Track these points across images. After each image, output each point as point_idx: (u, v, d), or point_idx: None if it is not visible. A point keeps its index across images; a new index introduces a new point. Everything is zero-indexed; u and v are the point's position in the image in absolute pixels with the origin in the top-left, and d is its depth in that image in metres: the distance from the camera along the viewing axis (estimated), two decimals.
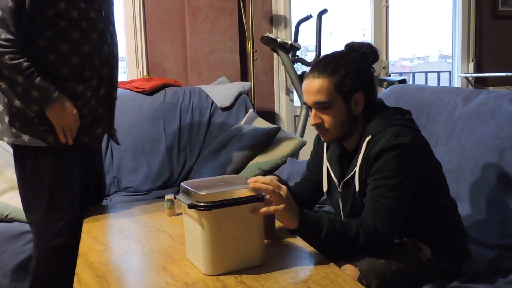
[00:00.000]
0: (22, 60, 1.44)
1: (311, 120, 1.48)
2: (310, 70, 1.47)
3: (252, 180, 1.21)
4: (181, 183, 1.32)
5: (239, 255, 1.24)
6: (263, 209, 1.22)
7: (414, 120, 1.50)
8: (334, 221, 1.31)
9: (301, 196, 1.70)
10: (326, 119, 1.45)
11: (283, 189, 1.25)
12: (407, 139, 1.36)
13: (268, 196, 1.25)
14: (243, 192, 1.22)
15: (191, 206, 1.20)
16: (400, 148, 1.34)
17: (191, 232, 1.29)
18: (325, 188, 1.60)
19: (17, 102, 1.50)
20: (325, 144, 1.62)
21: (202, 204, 1.19)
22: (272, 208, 1.24)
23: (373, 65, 1.50)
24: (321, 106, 1.44)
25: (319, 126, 1.47)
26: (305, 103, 1.49)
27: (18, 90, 1.48)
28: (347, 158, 1.53)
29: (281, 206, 1.24)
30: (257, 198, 1.22)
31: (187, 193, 1.25)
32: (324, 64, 1.45)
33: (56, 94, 1.50)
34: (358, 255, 1.34)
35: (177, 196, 1.30)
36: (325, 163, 1.60)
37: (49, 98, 1.49)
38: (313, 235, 1.31)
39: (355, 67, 1.43)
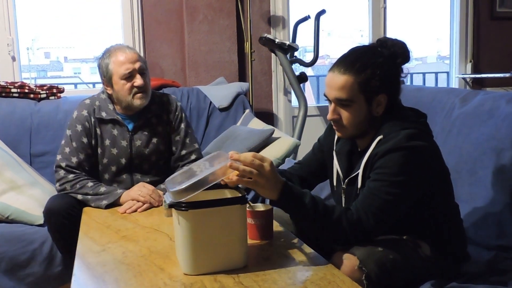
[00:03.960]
0: (89, 181, 2.06)
1: (328, 114, 1.46)
2: (337, 63, 1.43)
3: (234, 157, 1.21)
4: (166, 181, 1.33)
5: (219, 256, 1.24)
6: (232, 177, 1.22)
7: (428, 125, 1.48)
8: (318, 201, 1.31)
9: (296, 178, 1.67)
10: (345, 116, 1.43)
11: (265, 167, 1.24)
12: (418, 143, 1.34)
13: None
14: (225, 192, 1.22)
15: (170, 206, 1.21)
16: (408, 150, 1.33)
17: (176, 231, 1.31)
18: (334, 181, 1.58)
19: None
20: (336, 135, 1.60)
21: (180, 204, 1.20)
22: (245, 180, 1.23)
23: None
24: (342, 103, 1.42)
25: (336, 121, 1.45)
26: (325, 95, 1.46)
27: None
28: (357, 155, 1.52)
29: (250, 185, 1.25)
30: (237, 199, 1.22)
31: (169, 191, 1.26)
32: (352, 60, 1.41)
33: (119, 191, 2.02)
34: (343, 245, 1.33)
35: (164, 195, 1.31)
36: (334, 154, 1.58)
37: (115, 195, 2.02)
38: (292, 210, 1.32)
39: (384, 68, 1.40)
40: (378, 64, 1.40)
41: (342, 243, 1.36)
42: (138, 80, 2.05)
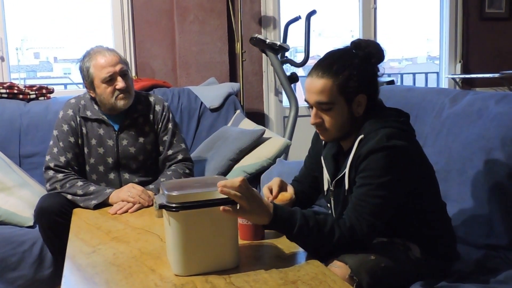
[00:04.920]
0: (78, 180, 2.06)
1: (311, 119, 1.47)
2: (314, 68, 1.45)
3: (221, 184, 1.22)
4: (160, 183, 1.34)
5: (210, 257, 1.24)
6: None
7: (410, 124, 1.49)
8: (308, 217, 1.31)
9: (300, 194, 1.69)
10: (327, 119, 1.44)
11: (252, 193, 1.25)
12: (398, 142, 1.35)
13: None
14: (215, 194, 1.22)
15: (161, 207, 1.22)
16: (389, 150, 1.34)
17: (166, 232, 1.31)
18: (325, 186, 1.59)
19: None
20: (323, 141, 1.61)
21: (170, 204, 1.20)
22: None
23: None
24: (322, 107, 1.43)
25: (319, 125, 1.46)
26: (306, 101, 1.47)
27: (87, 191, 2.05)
28: (342, 157, 1.53)
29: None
30: (227, 200, 1.22)
31: (163, 193, 1.26)
32: (329, 63, 1.42)
33: (108, 191, 2.01)
34: (336, 253, 1.34)
35: (155, 196, 1.31)
36: (322, 160, 1.60)
37: (104, 194, 2.01)
38: (285, 231, 1.33)
39: (360, 69, 1.42)
40: (354, 65, 1.41)
41: (337, 252, 1.36)
42: (119, 83, 2.04)
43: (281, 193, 1.57)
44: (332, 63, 1.42)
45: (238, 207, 1.24)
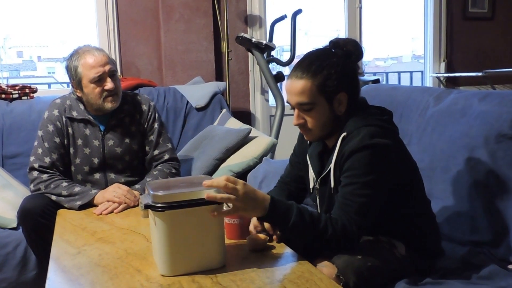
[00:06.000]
0: (63, 181, 2.04)
1: (293, 120, 1.47)
2: (294, 69, 1.45)
3: (207, 184, 1.21)
4: (146, 183, 1.33)
5: (196, 257, 1.24)
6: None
7: (393, 122, 1.50)
8: (304, 212, 1.32)
9: (288, 197, 1.68)
10: (309, 119, 1.45)
11: (239, 190, 1.24)
12: (381, 140, 1.36)
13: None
14: (201, 193, 1.22)
15: (146, 207, 1.21)
16: (372, 148, 1.35)
17: (152, 232, 1.30)
18: (311, 184, 1.59)
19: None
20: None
21: (156, 204, 1.19)
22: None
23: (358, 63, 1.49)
24: (304, 107, 1.43)
25: (302, 126, 1.47)
26: (288, 102, 1.48)
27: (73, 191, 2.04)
28: (327, 155, 1.53)
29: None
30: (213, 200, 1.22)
31: (148, 193, 1.26)
32: (308, 64, 1.43)
33: (93, 192, 2.00)
34: (325, 252, 1.34)
35: (140, 196, 1.31)
36: (307, 158, 1.60)
37: (89, 195, 1.99)
38: (280, 225, 1.33)
39: (339, 67, 1.42)
40: (333, 64, 1.42)
41: (325, 251, 1.37)
42: (108, 84, 2.02)
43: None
44: (311, 63, 1.43)
45: (229, 207, 1.24)
